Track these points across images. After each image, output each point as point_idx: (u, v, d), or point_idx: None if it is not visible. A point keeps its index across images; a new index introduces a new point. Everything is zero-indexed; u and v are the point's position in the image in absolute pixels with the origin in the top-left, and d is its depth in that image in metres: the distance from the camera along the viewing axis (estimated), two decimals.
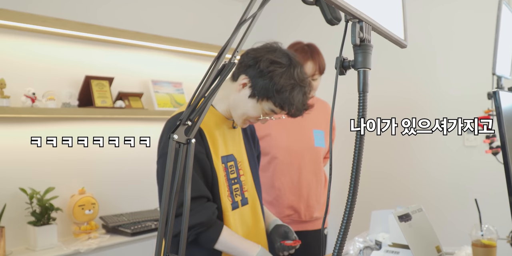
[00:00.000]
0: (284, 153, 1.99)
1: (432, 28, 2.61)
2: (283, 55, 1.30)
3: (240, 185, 1.39)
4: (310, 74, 1.93)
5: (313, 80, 1.96)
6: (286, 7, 3.29)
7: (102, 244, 2.22)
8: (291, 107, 1.28)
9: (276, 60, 1.27)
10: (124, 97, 2.64)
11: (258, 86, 1.27)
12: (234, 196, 1.36)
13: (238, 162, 1.40)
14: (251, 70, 1.28)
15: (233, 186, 1.36)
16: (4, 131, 2.21)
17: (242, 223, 1.38)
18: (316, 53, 1.96)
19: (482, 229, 1.45)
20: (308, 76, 1.92)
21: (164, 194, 0.71)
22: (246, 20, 0.79)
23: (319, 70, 1.95)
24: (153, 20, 2.93)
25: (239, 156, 1.41)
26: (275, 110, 1.31)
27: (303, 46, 2.00)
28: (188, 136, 0.74)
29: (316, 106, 2.14)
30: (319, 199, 2.06)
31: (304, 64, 1.92)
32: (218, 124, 1.36)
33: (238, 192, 1.37)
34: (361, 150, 0.54)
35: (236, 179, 1.38)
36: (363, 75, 0.55)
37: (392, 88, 2.77)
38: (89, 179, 2.52)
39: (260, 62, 1.27)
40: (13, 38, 2.28)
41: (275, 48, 1.33)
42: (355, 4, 0.54)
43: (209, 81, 0.79)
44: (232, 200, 1.34)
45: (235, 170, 1.37)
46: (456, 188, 2.54)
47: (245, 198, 1.40)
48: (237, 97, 1.32)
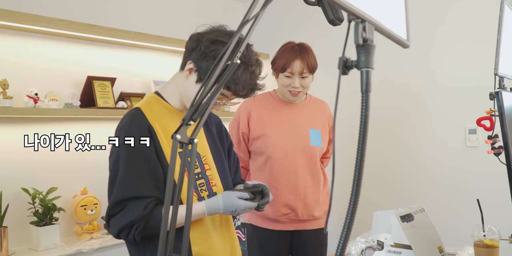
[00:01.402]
0: (280, 152, 2.00)
1: (434, 28, 2.61)
2: (225, 34, 1.25)
3: (206, 180, 1.33)
4: (298, 72, 1.97)
5: (303, 78, 1.99)
6: (288, 8, 3.30)
7: (104, 244, 2.22)
8: (236, 86, 1.22)
9: (217, 39, 1.22)
10: (126, 98, 2.64)
11: (203, 68, 1.22)
12: (200, 191, 1.31)
13: (202, 156, 1.35)
14: (194, 54, 1.24)
15: (198, 181, 1.31)
16: (7, 131, 2.22)
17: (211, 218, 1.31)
18: (305, 52, 1.99)
19: (484, 229, 1.45)
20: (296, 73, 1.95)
21: (166, 194, 0.71)
22: (249, 20, 0.79)
23: (308, 68, 1.98)
24: (155, 21, 2.94)
25: (202, 151, 1.36)
26: (223, 93, 1.25)
27: (293, 45, 2.04)
28: (191, 136, 0.74)
29: (313, 105, 2.15)
30: (317, 198, 2.06)
31: (292, 62, 1.95)
32: (173, 119, 1.31)
33: (203, 187, 1.32)
34: (364, 150, 0.54)
35: (201, 174, 1.33)
36: (366, 75, 0.55)
37: (393, 88, 2.77)
38: (91, 179, 2.53)
39: (201, 43, 1.22)
40: (16, 39, 2.29)
41: (217, 28, 1.28)
42: (358, 4, 0.54)
43: (211, 81, 0.79)
44: (198, 195, 1.29)
45: (198, 165, 1.32)
46: (458, 188, 2.53)
47: (214, 193, 1.33)
48: (186, 84, 1.28)
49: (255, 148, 2.05)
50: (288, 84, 2.00)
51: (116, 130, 1.29)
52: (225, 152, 1.48)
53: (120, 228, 1.19)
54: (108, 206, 1.21)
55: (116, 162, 1.24)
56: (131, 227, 1.18)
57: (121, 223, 1.18)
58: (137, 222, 1.17)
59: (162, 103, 1.34)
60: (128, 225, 1.18)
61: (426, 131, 2.66)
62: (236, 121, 2.11)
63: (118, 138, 1.24)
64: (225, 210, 1.25)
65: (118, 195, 1.20)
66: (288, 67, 1.96)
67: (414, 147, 2.71)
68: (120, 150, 1.23)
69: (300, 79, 1.99)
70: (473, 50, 2.48)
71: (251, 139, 2.06)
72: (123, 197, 1.19)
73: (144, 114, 1.27)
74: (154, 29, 2.82)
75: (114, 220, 1.20)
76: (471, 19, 2.48)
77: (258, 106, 2.09)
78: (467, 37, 2.49)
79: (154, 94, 1.38)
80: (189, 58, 1.26)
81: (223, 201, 1.24)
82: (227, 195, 1.26)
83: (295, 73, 1.97)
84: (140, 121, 1.26)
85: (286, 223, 2.04)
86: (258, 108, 2.08)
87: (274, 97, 2.12)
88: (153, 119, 1.27)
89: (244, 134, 2.07)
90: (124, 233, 1.19)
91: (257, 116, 2.06)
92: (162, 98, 1.35)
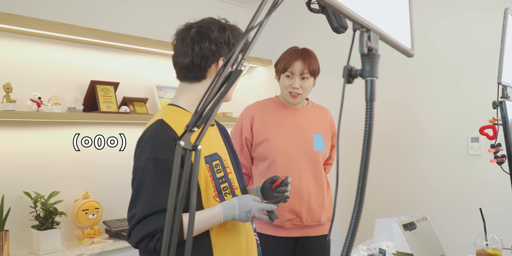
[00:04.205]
0: (283, 157, 2.00)
1: (437, 37, 2.62)
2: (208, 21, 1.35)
3: (229, 183, 1.33)
4: (299, 72, 2.00)
5: (303, 79, 2.02)
6: (291, 14, 3.31)
7: (105, 248, 2.22)
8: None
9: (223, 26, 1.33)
10: (129, 102, 2.65)
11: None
12: (224, 195, 1.30)
13: (224, 160, 1.35)
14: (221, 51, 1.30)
15: (222, 185, 1.30)
16: (10, 135, 2.23)
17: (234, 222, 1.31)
18: (307, 55, 2.03)
19: (487, 238, 1.44)
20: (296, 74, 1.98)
21: (170, 200, 0.71)
22: (253, 27, 0.80)
23: (309, 70, 2.01)
24: (158, 26, 2.95)
25: (223, 154, 1.36)
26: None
27: (296, 48, 2.09)
28: (195, 143, 0.74)
29: (315, 111, 2.15)
30: (321, 203, 2.06)
31: (293, 62, 2.01)
32: None
33: (227, 190, 1.32)
34: (368, 159, 0.54)
35: (224, 178, 1.32)
36: (371, 84, 0.55)
37: (395, 96, 2.77)
38: (93, 183, 2.53)
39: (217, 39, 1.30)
40: (20, 42, 2.30)
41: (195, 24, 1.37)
42: (363, 13, 0.54)
43: (216, 88, 0.79)
44: (221, 200, 1.29)
45: (221, 169, 1.32)
46: (460, 197, 2.53)
47: (236, 195, 1.34)
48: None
49: (258, 154, 2.05)
50: (289, 85, 2.02)
51: (139, 142, 1.27)
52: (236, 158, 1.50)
53: (142, 237, 1.17)
54: (134, 220, 1.18)
55: (142, 175, 1.21)
56: (153, 236, 1.16)
57: (144, 232, 1.16)
58: (159, 232, 1.16)
59: (183, 112, 1.33)
60: (150, 234, 1.16)
61: (428, 139, 2.65)
62: (238, 128, 2.11)
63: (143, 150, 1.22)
64: (240, 211, 1.24)
65: (146, 209, 1.17)
66: (289, 67, 2.01)
67: (416, 155, 2.70)
68: (146, 163, 1.20)
69: (300, 80, 2.01)
70: (476, 58, 2.48)
71: (254, 144, 2.06)
72: (150, 212, 1.17)
73: (169, 124, 1.25)
74: (157, 34, 2.83)
75: (136, 229, 1.18)
76: (475, 27, 2.48)
77: (261, 111, 2.09)
78: (470, 44, 2.49)
79: (171, 106, 1.36)
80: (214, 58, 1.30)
81: (238, 201, 1.25)
82: (241, 197, 1.28)
83: (296, 73, 2.00)
84: (165, 132, 1.24)
85: (290, 229, 2.03)
86: (261, 114, 2.08)
87: (277, 103, 2.13)
88: (179, 128, 1.24)
89: (247, 140, 2.07)
90: (144, 242, 1.17)
91: (260, 121, 2.06)
92: (181, 108, 1.34)
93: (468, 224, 2.43)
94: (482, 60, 2.44)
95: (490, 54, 2.36)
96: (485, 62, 2.42)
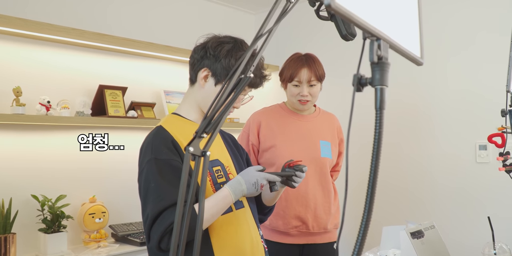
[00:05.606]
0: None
1: (446, 44, 2.61)
2: (225, 37, 1.36)
3: None
4: (306, 80, 1.99)
5: (311, 86, 2.02)
6: (299, 21, 3.32)
7: (111, 253, 2.22)
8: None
9: (220, 40, 1.33)
10: (136, 107, 2.67)
11: (218, 70, 1.30)
12: None
13: (226, 166, 1.38)
14: (206, 61, 1.33)
15: None
16: (19, 138, 2.25)
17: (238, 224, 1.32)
18: (311, 61, 2.02)
19: (495, 247, 1.43)
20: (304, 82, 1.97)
21: (178, 204, 0.71)
22: (263, 35, 0.80)
23: (316, 76, 2.00)
24: (167, 31, 2.97)
25: (225, 161, 1.39)
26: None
27: (299, 55, 2.08)
28: (203, 149, 0.74)
29: (323, 117, 2.15)
30: (327, 210, 2.04)
31: (300, 71, 2.00)
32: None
33: None
34: (377, 166, 0.54)
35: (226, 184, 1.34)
36: (381, 92, 0.55)
37: (403, 103, 2.77)
38: (100, 187, 2.54)
39: (208, 49, 1.32)
40: (30, 47, 2.33)
41: (214, 35, 1.38)
42: (373, 22, 0.55)
43: (225, 94, 0.79)
44: None
45: (223, 174, 1.34)
46: (468, 205, 2.51)
47: (240, 201, 1.36)
48: (203, 92, 1.35)
49: (265, 160, 2.05)
50: (297, 93, 2.01)
51: (141, 149, 1.31)
52: (244, 163, 1.52)
53: (160, 234, 1.16)
54: (148, 221, 1.18)
55: (147, 176, 1.23)
56: (171, 230, 1.14)
57: (161, 229, 1.15)
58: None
59: (182, 119, 1.38)
60: (168, 229, 1.15)
61: (436, 146, 2.64)
62: (245, 133, 2.11)
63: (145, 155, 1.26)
64: (247, 184, 1.26)
65: (157, 207, 1.18)
66: (296, 76, 1.99)
67: (424, 162, 2.69)
68: (149, 165, 1.23)
69: (308, 88, 2.00)
70: (484, 65, 2.47)
71: (261, 150, 2.06)
72: (160, 209, 1.17)
73: (167, 130, 1.30)
74: (165, 39, 2.85)
75: (153, 229, 1.17)
76: (483, 35, 2.48)
77: (268, 117, 2.09)
78: (478, 52, 2.49)
79: (171, 114, 1.42)
80: (200, 66, 1.35)
81: (242, 177, 1.27)
82: (243, 172, 1.29)
83: (303, 81, 1.99)
84: (164, 136, 1.29)
85: (296, 236, 2.02)
86: (268, 120, 2.08)
87: (284, 109, 2.13)
88: (176, 133, 1.30)
89: (254, 146, 2.07)
90: (165, 240, 1.16)
91: (267, 127, 2.06)
92: (181, 116, 1.40)
93: (476, 233, 2.41)
94: (491, 68, 2.44)
95: (500, 61, 2.35)
96: (493, 68, 2.41)
